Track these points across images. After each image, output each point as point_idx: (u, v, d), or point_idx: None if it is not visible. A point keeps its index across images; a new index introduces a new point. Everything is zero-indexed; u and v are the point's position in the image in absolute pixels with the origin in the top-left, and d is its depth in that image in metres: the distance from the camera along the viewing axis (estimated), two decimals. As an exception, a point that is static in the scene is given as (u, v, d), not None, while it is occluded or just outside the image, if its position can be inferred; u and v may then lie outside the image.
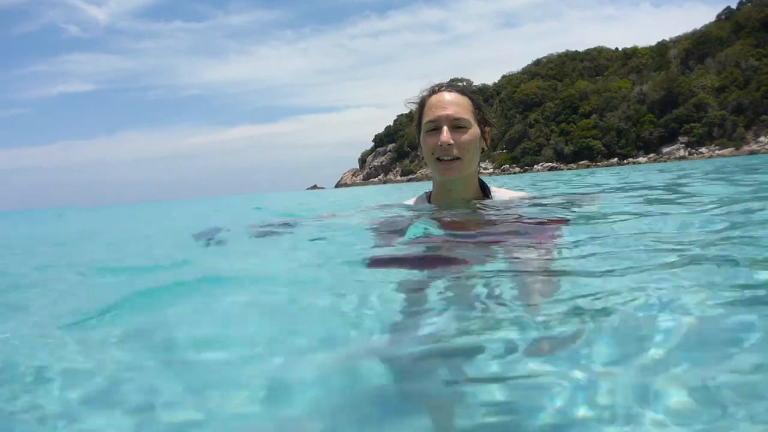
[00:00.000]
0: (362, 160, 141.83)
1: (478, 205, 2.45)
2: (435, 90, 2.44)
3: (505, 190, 2.62)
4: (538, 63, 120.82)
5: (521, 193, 2.72)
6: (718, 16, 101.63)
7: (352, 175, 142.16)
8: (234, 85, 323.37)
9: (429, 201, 2.59)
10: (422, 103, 2.46)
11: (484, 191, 2.52)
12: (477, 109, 2.41)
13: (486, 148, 2.47)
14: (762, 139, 74.63)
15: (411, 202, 2.73)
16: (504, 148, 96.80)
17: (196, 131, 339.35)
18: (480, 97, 2.55)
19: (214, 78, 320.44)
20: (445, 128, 2.32)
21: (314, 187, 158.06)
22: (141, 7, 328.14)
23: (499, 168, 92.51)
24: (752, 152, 68.17)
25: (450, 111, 2.34)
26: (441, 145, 2.31)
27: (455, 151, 2.31)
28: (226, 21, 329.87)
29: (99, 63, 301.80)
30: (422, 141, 2.44)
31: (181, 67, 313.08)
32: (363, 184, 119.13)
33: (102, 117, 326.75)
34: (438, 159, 2.35)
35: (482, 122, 2.43)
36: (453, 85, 2.46)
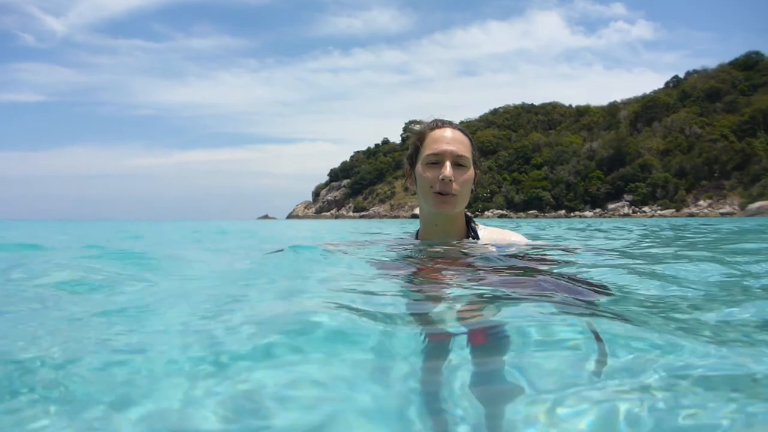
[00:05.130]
0: (316, 194, 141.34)
1: (463, 250, 2.42)
2: (438, 125, 2.47)
3: (492, 229, 2.63)
4: (495, 112, 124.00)
5: (513, 236, 2.66)
6: (667, 84, 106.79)
7: (305, 207, 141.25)
8: (190, 108, 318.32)
9: (417, 238, 2.61)
10: (422, 136, 2.48)
11: (471, 230, 2.53)
12: (474, 151, 2.47)
13: (474, 190, 2.49)
14: (701, 203, 77.77)
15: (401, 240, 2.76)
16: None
17: (146, 152, 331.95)
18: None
19: (170, 99, 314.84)
20: (448, 163, 2.35)
21: (266, 216, 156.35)
22: (101, 22, 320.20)
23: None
24: (691, 215, 70.90)
25: (454, 147, 2.38)
26: (443, 179, 2.33)
27: (454, 187, 2.34)
28: (187, 44, 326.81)
29: (52, 74, 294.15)
30: (420, 173, 2.43)
31: (136, 85, 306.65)
32: (315, 218, 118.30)
33: (50, 130, 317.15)
34: (436, 192, 2.36)
35: (475, 165, 2.47)
36: (455, 124, 2.49)
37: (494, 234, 2.59)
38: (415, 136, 2.51)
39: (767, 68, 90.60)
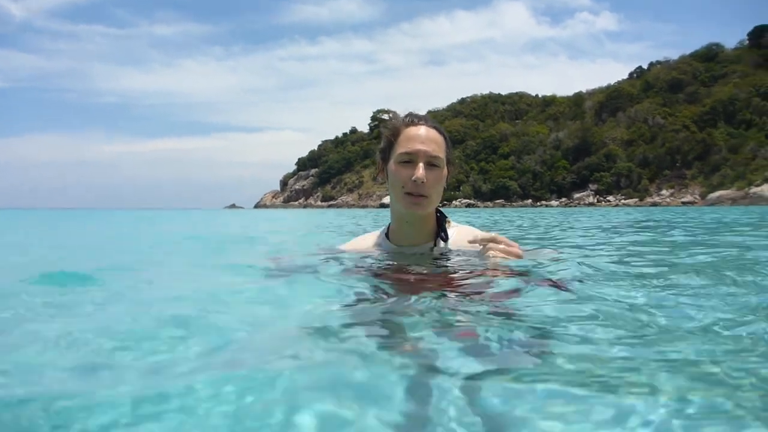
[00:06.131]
0: (284, 183, 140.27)
1: (432, 257, 2.41)
2: (413, 121, 2.40)
3: (464, 228, 2.56)
4: (462, 102, 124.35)
5: (481, 234, 2.48)
6: (631, 74, 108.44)
7: (273, 196, 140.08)
8: (155, 96, 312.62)
9: (387, 236, 2.57)
10: (396, 132, 2.41)
11: (441, 229, 2.49)
12: (448, 149, 2.42)
13: (446, 188, 2.45)
14: (663, 192, 79.39)
15: (372, 237, 2.69)
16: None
17: (110, 139, 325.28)
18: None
19: (134, 87, 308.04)
20: (421, 164, 2.30)
21: (233, 206, 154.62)
22: (61, 7, 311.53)
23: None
24: (654, 204, 72.27)
25: (428, 147, 2.33)
26: (415, 180, 2.28)
27: (426, 189, 2.30)
28: (150, 30, 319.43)
29: (10, 60, 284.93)
30: (392, 171, 2.38)
31: (98, 72, 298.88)
32: (283, 207, 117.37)
33: (8, 117, 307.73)
34: (407, 192, 2.32)
35: (448, 162, 2.42)
36: (429, 120, 2.43)
37: (464, 234, 2.50)
38: (389, 130, 2.44)
39: (727, 60, 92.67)
